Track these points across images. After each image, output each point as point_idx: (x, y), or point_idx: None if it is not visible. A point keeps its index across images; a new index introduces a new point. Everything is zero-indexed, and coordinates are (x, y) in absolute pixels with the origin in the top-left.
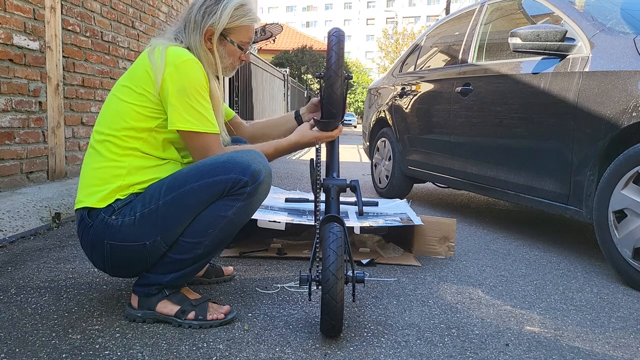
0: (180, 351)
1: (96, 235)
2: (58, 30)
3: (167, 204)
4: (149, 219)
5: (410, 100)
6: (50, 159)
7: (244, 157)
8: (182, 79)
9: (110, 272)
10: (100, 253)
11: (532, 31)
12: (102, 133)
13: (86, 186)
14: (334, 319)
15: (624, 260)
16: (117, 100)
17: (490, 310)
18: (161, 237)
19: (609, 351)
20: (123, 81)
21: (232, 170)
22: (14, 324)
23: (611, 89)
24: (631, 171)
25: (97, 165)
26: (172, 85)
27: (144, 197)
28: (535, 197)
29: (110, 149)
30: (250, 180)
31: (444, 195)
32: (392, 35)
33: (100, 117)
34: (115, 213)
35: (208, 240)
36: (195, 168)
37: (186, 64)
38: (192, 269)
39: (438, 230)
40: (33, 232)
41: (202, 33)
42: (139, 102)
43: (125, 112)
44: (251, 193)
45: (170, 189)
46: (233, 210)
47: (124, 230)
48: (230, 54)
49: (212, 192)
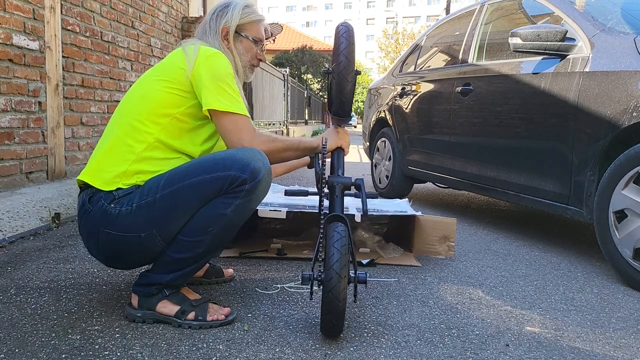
0: (180, 351)
1: (93, 222)
2: (58, 30)
3: (164, 198)
4: (145, 211)
5: (410, 100)
6: (50, 159)
7: (243, 154)
8: (214, 66)
9: (103, 261)
10: (95, 240)
11: (533, 31)
12: (122, 117)
13: (95, 162)
14: (336, 318)
15: (625, 261)
16: (142, 88)
17: (490, 310)
18: (157, 230)
19: (609, 351)
20: (150, 73)
21: (231, 168)
22: (14, 324)
23: (611, 89)
24: (632, 171)
25: (110, 143)
26: (205, 72)
27: (143, 189)
28: (535, 197)
29: (126, 131)
30: (249, 177)
31: (444, 195)
32: (392, 35)
33: (122, 104)
34: (115, 202)
35: (208, 239)
36: (195, 164)
37: (217, 55)
38: (192, 268)
39: (438, 230)
40: (33, 233)
41: (219, 32)
42: (166, 88)
43: (151, 96)
44: (250, 191)
45: (168, 183)
46: (232, 208)
47: (121, 220)
48: (247, 49)
49: (210, 188)
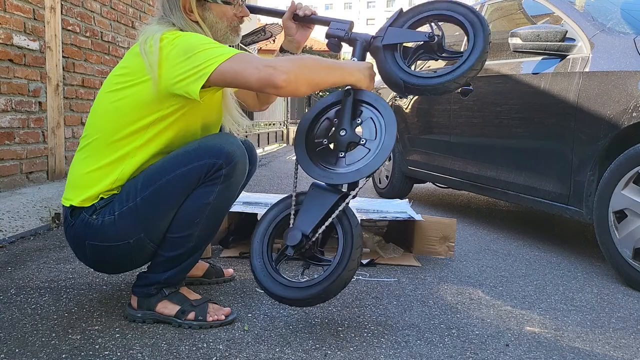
0: (180, 351)
1: (77, 236)
2: (58, 30)
3: (145, 200)
4: (128, 217)
5: (410, 100)
6: (50, 159)
7: (214, 140)
8: (181, 43)
9: (95, 269)
10: (82, 252)
11: (532, 31)
12: (91, 135)
13: (74, 187)
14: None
15: (624, 261)
16: (105, 101)
17: (490, 310)
18: (145, 233)
19: (609, 351)
20: (111, 81)
21: (205, 156)
22: (14, 324)
23: (611, 89)
24: (631, 171)
25: (88, 169)
26: (176, 57)
27: (121, 195)
28: (535, 197)
29: (101, 154)
30: (224, 162)
31: (444, 195)
32: None
33: (90, 118)
34: (96, 212)
35: (197, 231)
36: (169, 159)
37: (180, 36)
38: (188, 262)
39: (438, 230)
40: (33, 233)
41: (181, 7)
42: (132, 95)
43: (116, 111)
44: (228, 175)
45: (146, 184)
46: (213, 195)
47: (105, 231)
48: (220, 15)
49: (188, 180)
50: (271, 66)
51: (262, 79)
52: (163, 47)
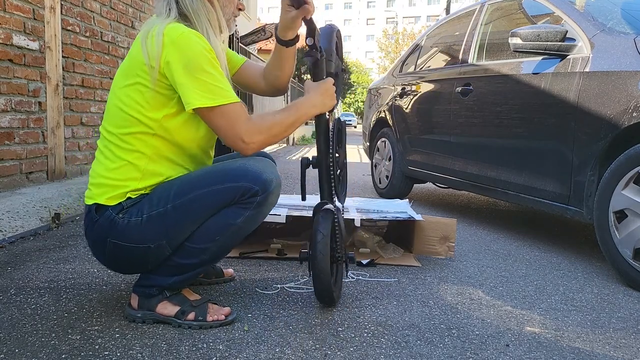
0: (180, 352)
1: (100, 232)
2: (58, 30)
3: (176, 209)
4: (156, 222)
5: (410, 100)
6: (50, 159)
7: (255, 165)
8: (185, 53)
9: (108, 266)
10: (102, 249)
11: (533, 31)
12: (110, 132)
13: (98, 185)
14: (324, 290)
15: (625, 261)
16: (116, 98)
17: (490, 310)
18: (167, 241)
19: (609, 352)
20: (119, 78)
21: (243, 178)
22: (14, 324)
23: (611, 89)
24: (632, 171)
25: (111, 166)
26: (176, 64)
27: (151, 198)
28: (535, 197)
29: (118, 152)
30: (261, 189)
31: (444, 195)
32: (392, 35)
33: (106, 114)
34: (123, 211)
35: (215, 247)
36: (206, 173)
37: (184, 37)
38: (194, 272)
39: (438, 230)
40: (33, 233)
41: None
42: (139, 93)
43: (129, 107)
44: (261, 202)
45: (179, 194)
46: (242, 218)
47: (130, 231)
48: (228, 0)
49: (221, 199)
50: (245, 142)
51: (234, 147)
52: (166, 45)
